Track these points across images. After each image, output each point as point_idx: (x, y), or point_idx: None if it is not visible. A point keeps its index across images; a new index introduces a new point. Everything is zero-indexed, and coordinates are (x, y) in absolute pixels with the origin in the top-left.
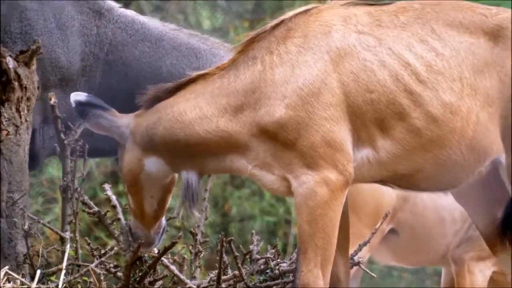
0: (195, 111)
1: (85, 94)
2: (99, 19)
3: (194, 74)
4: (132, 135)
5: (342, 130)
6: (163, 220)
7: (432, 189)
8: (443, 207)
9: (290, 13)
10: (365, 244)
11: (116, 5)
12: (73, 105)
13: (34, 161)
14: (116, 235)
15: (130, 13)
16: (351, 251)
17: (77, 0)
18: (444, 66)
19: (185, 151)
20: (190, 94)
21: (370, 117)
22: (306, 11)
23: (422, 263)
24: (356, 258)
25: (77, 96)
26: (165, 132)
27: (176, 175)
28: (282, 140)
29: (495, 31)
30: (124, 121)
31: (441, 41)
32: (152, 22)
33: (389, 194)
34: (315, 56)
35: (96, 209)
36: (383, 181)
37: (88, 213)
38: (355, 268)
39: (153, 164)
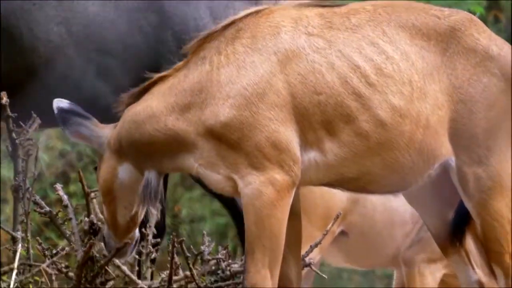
0: (146, 110)
1: (68, 101)
2: (256, 4)
3: (155, 76)
4: (108, 144)
5: (288, 131)
6: (137, 232)
7: (381, 192)
8: (393, 209)
9: (241, 14)
10: (316, 245)
11: None
12: (55, 111)
13: None
14: (67, 235)
15: None
16: (302, 252)
17: None
18: (394, 69)
19: (142, 151)
20: (148, 95)
21: (317, 119)
22: (257, 12)
23: (372, 265)
24: (307, 259)
25: (59, 103)
26: (126, 134)
27: None
28: (226, 140)
29: (448, 33)
30: (105, 131)
31: (392, 43)
32: None
33: (339, 196)
34: (262, 57)
35: (47, 209)
36: (331, 184)
37: (40, 213)
38: (306, 269)
39: (125, 170)
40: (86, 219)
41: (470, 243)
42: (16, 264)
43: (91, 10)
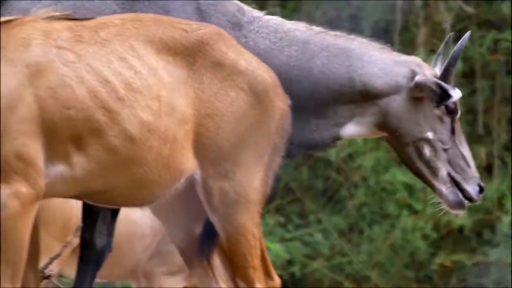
0: None
1: None
2: (239, 30)
3: None
4: None
5: (36, 145)
6: None
7: (128, 205)
8: (133, 222)
9: None
10: (55, 257)
11: (259, 14)
12: None
13: None
14: None
15: (275, 21)
16: (41, 264)
17: (213, 14)
18: (143, 84)
19: None
20: None
21: (66, 133)
22: (9, 21)
23: (112, 277)
24: (47, 271)
25: None
26: None
27: None
28: None
29: (195, 47)
30: None
31: (140, 58)
32: (296, 26)
33: (78, 208)
34: (15, 69)
35: None
36: (78, 197)
37: None
38: (45, 281)
39: None
40: None
41: (215, 256)
42: None
43: None
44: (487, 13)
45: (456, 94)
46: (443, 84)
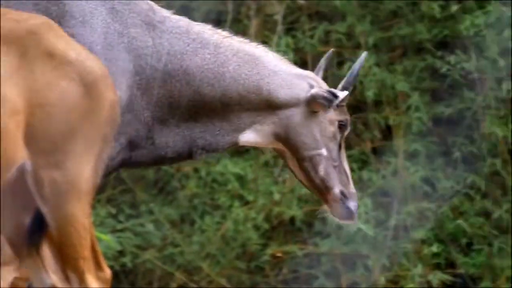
0: None
1: None
2: (153, 30)
3: None
4: None
5: None
6: None
7: None
8: None
9: None
10: None
11: (168, 14)
12: None
13: None
14: None
15: (184, 21)
16: None
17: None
18: None
19: None
20: None
21: None
22: None
23: None
24: None
25: None
26: None
27: None
28: None
29: (26, 36)
30: None
31: None
32: (204, 29)
33: None
34: None
35: None
36: None
37: None
38: None
39: None
40: None
41: (45, 247)
42: None
43: None
44: (318, 5)
45: (342, 94)
46: (333, 90)
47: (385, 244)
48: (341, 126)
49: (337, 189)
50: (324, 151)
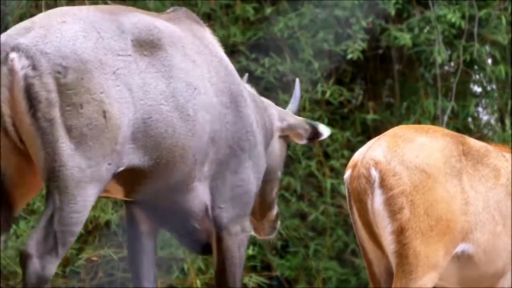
0: None
1: None
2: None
3: None
4: None
5: None
6: None
7: None
8: None
9: None
10: None
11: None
12: None
13: None
14: None
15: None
16: None
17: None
18: None
19: None
20: None
21: None
22: None
23: None
24: None
25: None
26: None
27: None
28: None
29: None
30: None
31: None
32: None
33: None
34: None
35: None
36: None
37: None
38: None
39: None
40: None
41: None
42: None
43: None
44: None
45: (326, 131)
46: (313, 123)
47: None
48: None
49: (275, 212)
50: (279, 174)
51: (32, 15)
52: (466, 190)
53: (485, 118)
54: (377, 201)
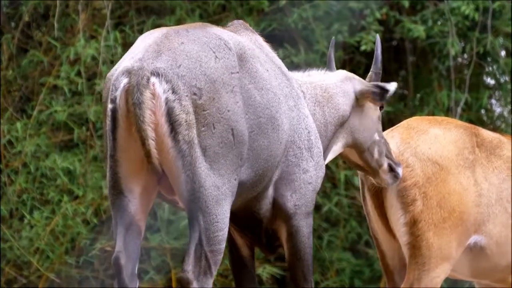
0: None
1: None
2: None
3: None
4: None
5: None
6: None
7: None
8: None
9: None
10: None
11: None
12: None
13: None
14: None
15: None
16: None
17: None
18: None
19: None
20: None
21: None
22: None
23: None
24: None
25: None
26: None
27: None
28: None
29: None
30: None
31: None
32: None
33: None
34: None
35: None
36: None
37: None
38: None
39: None
40: None
41: None
42: None
43: None
44: None
45: (392, 86)
46: (379, 83)
47: None
48: (381, 108)
49: (386, 164)
50: (376, 136)
51: (45, 6)
52: (479, 182)
53: (498, 110)
54: (390, 193)
